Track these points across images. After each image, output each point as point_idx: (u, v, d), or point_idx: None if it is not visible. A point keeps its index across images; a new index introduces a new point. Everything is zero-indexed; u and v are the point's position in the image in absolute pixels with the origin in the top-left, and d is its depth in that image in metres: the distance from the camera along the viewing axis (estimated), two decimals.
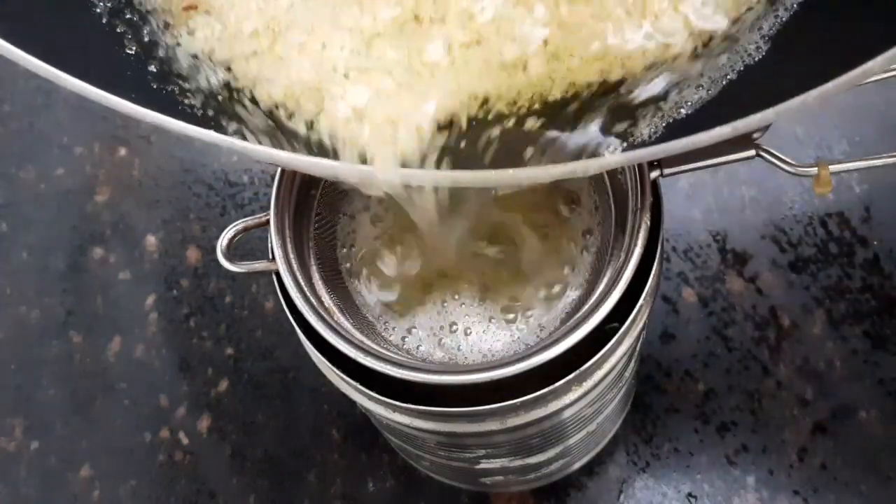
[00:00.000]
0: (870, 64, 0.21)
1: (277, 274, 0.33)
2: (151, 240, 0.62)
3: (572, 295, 0.34)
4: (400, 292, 0.35)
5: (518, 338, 0.34)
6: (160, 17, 0.28)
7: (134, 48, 0.28)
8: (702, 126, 0.23)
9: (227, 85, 0.27)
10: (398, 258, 0.34)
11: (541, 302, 0.34)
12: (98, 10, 0.28)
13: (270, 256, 0.33)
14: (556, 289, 0.34)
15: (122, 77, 0.26)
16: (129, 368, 0.57)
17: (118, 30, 0.27)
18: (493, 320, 0.33)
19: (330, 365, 0.32)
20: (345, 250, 0.37)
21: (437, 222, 0.29)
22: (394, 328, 0.35)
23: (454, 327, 0.33)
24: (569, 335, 0.30)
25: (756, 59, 0.26)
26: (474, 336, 0.33)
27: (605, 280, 0.32)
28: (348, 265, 0.37)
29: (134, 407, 0.56)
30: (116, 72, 0.27)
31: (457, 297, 0.34)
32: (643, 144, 0.25)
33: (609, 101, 0.26)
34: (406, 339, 0.34)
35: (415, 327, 0.34)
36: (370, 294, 0.35)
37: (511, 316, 0.34)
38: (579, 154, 0.25)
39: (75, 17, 0.27)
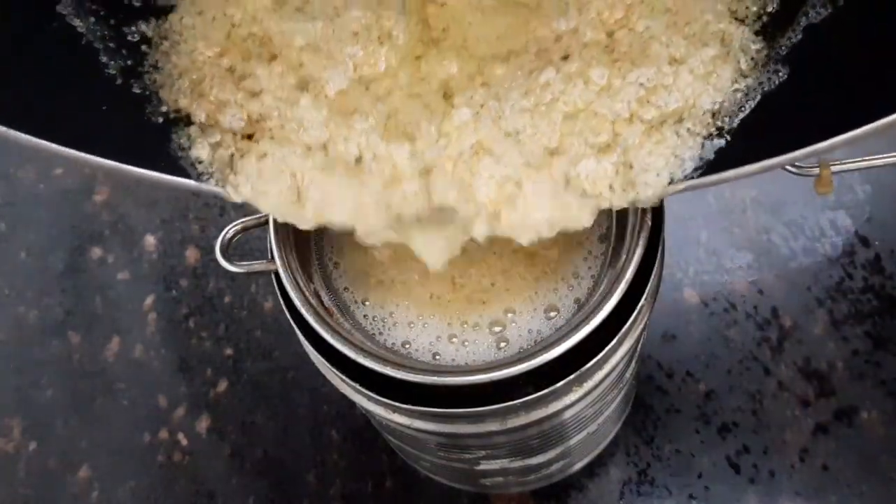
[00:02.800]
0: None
1: (276, 274, 0.33)
2: (150, 240, 0.61)
3: (573, 296, 0.34)
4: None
5: (516, 345, 0.34)
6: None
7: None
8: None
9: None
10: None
11: (539, 312, 0.33)
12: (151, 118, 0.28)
13: (269, 256, 0.33)
14: (557, 297, 0.33)
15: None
16: (127, 369, 0.57)
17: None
18: (491, 329, 0.33)
19: (329, 365, 0.32)
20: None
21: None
22: (390, 334, 0.35)
23: (453, 339, 0.32)
24: (569, 336, 0.29)
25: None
26: (470, 346, 0.33)
27: (606, 281, 0.32)
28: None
29: (133, 407, 0.56)
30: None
31: (456, 315, 0.34)
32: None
33: None
34: (405, 346, 0.34)
35: (408, 343, 0.34)
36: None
37: (506, 328, 0.33)
38: None
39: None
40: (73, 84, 0.26)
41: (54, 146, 0.25)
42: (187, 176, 0.28)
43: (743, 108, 0.26)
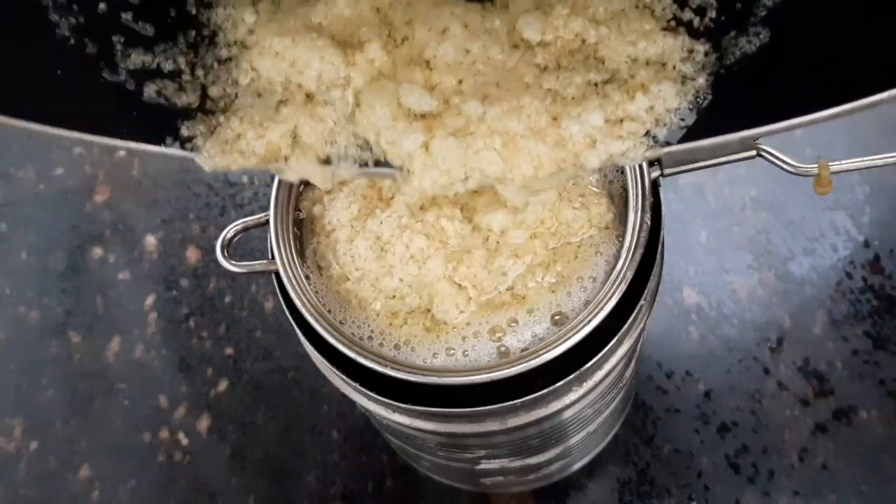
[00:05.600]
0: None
1: (277, 274, 0.33)
2: (151, 240, 0.61)
3: (575, 298, 0.34)
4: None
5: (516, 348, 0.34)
6: None
7: None
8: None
9: None
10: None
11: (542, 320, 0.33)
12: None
13: (270, 256, 0.33)
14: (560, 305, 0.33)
15: None
16: (128, 368, 0.57)
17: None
18: (494, 336, 0.33)
19: (330, 365, 0.32)
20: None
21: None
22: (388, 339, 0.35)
23: (451, 351, 0.32)
24: (569, 336, 0.30)
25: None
26: (472, 354, 0.33)
27: (607, 281, 0.32)
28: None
29: (133, 407, 0.56)
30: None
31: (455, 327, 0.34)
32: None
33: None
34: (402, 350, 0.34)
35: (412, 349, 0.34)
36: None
37: (509, 336, 0.33)
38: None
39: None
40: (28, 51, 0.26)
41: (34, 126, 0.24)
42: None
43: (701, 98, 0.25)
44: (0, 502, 0.54)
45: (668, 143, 0.25)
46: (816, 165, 0.34)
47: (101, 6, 0.25)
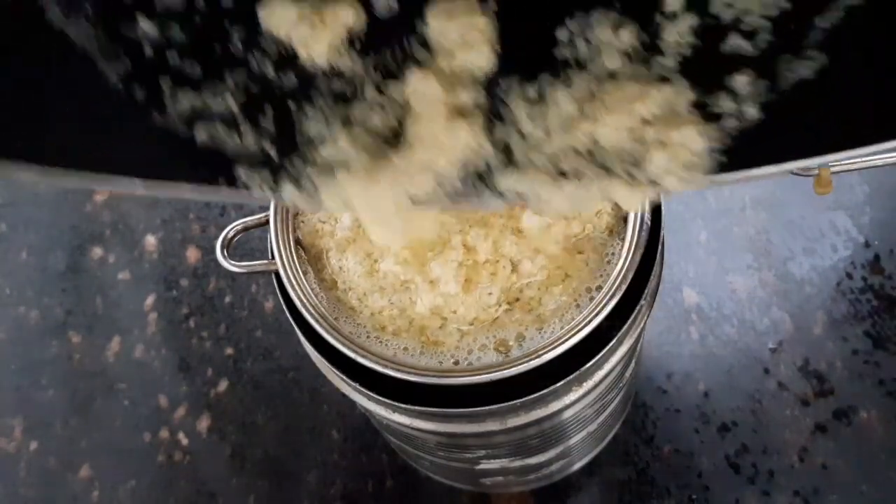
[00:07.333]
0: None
1: (277, 274, 0.33)
2: (151, 240, 0.61)
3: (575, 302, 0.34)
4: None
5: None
6: None
7: None
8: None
9: None
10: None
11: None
12: None
13: (270, 256, 0.33)
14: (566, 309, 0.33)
15: None
16: (128, 368, 0.57)
17: None
18: (496, 348, 0.33)
19: (330, 366, 0.32)
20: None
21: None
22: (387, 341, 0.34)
23: (454, 361, 0.32)
24: (569, 336, 0.30)
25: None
26: (472, 357, 0.33)
27: (607, 281, 0.32)
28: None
29: (133, 407, 0.56)
30: None
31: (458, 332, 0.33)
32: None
33: None
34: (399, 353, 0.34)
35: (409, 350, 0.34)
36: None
37: (511, 347, 0.33)
38: None
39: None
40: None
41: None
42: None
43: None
44: (0, 502, 0.54)
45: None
46: (816, 166, 0.34)
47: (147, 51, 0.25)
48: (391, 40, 0.24)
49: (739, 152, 0.24)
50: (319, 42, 0.23)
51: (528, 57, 0.24)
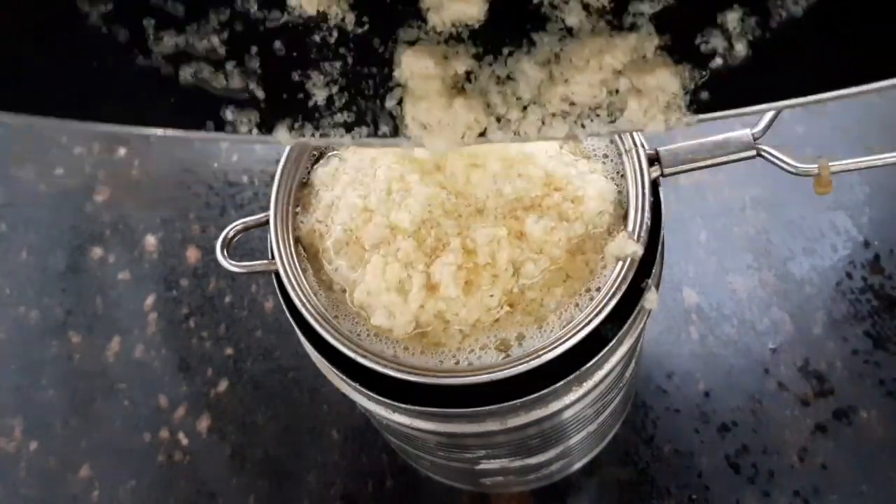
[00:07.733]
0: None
1: (277, 274, 0.33)
2: (151, 240, 0.61)
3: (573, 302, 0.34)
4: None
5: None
6: None
7: None
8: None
9: None
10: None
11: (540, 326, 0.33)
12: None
13: (270, 256, 0.33)
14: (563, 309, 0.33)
15: None
16: (128, 368, 0.57)
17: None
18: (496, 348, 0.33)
19: (330, 366, 0.32)
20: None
21: None
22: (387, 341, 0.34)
23: (455, 361, 0.32)
24: (569, 336, 0.30)
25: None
26: (472, 357, 0.33)
27: (607, 282, 0.32)
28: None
29: (133, 407, 0.56)
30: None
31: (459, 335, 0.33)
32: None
33: None
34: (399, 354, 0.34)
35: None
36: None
37: (510, 348, 0.33)
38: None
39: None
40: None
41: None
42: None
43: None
44: (0, 502, 0.54)
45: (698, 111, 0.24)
46: (816, 165, 0.34)
47: None
48: None
49: (726, 91, 0.24)
50: None
51: (514, 8, 0.24)
